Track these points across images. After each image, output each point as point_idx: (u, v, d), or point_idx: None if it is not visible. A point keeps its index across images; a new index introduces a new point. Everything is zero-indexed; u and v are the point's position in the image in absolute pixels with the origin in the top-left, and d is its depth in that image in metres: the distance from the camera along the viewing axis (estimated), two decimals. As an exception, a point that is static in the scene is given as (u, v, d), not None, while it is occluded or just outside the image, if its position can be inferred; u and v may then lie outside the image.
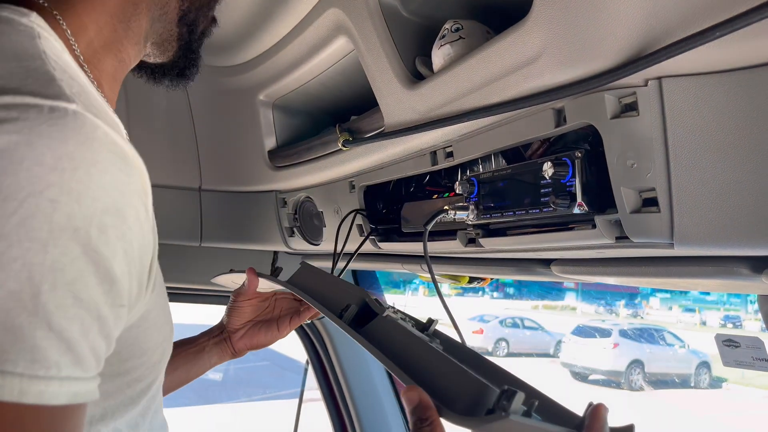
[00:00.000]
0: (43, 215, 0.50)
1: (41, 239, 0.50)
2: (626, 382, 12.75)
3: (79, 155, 0.53)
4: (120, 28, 0.76)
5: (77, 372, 0.53)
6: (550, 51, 0.69)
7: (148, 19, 0.79)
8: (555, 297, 25.90)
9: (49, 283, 0.50)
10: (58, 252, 0.51)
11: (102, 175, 0.55)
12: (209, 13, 0.87)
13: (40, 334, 0.50)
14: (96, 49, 0.74)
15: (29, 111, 0.52)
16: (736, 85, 0.62)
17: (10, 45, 0.60)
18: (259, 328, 1.44)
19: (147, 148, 1.66)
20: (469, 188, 0.97)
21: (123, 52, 0.78)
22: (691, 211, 0.68)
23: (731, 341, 1.14)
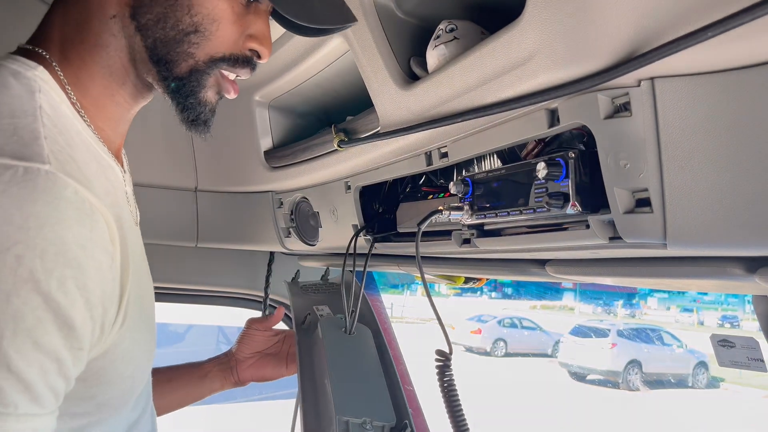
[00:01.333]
0: (9, 270, 0.57)
1: (5, 291, 0.57)
2: (624, 382, 12.78)
3: (45, 214, 0.60)
4: (105, 73, 0.80)
5: (34, 409, 0.60)
6: (543, 51, 0.69)
7: (127, 61, 0.81)
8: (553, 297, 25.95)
9: (10, 330, 0.57)
10: (20, 302, 0.57)
11: (66, 231, 0.61)
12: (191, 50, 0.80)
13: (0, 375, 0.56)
14: (94, 97, 0.80)
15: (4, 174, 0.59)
16: (729, 86, 0.62)
17: (9, 101, 0.68)
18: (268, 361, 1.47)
19: (143, 148, 1.67)
20: (463, 188, 0.97)
21: (117, 95, 0.82)
22: (684, 211, 0.68)
23: (726, 341, 1.14)
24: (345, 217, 1.42)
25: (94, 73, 0.79)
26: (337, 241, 1.51)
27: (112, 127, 0.83)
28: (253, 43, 0.85)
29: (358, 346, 1.48)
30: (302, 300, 1.71)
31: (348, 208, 1.39)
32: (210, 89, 0.84)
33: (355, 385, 1.37)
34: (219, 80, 0.85)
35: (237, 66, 0.85)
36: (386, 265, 1.51)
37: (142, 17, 0.78)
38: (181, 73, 0.81)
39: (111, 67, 0.80)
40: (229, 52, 0.83)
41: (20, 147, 0.62)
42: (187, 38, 0.79)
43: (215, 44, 0.81)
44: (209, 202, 1.80)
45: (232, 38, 0.83)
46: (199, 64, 0.81)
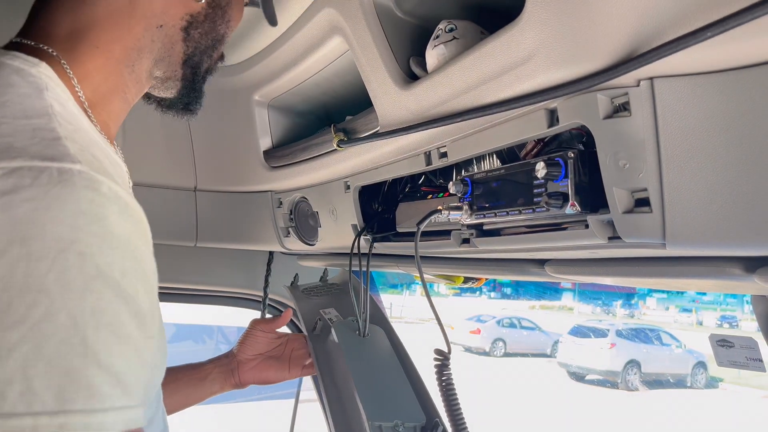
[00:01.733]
0: (76, 268, 0.56)
1: (79, 289, 0.56)
2: (623, 382, 12.78)
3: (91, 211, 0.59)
4: (126, 72, 0.81)
5: (127, 401, 0.59)
6: (542, 51, 0.70)
7: (152, 61, 0.84)
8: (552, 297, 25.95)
9: (92, 326, 0.56)
10: (95, 297, 0.57)
11: (114, 226, 0.61)
12: (213, 54, 0.91)
13: (92, 372, 0.56)
14: (103, 94, 0.80)
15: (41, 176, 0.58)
16: (728, 86, 0.62)
17: (18, 99, 0.66)
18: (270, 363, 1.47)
19: (142, 148, 1.67)
20: (462, 188, 0.97)
21: (128, 93, 0.84)
22: (683, 211, 0.68)
23: (725, 341, 1.15)
24: (344, 217, 1.42)
25: (111, 70, 0.79)
26: (336, 241, 1.51)
27: (116, 123, 0.84)
28: None
29: (374, 348, 1.49)
30: (308, 305, 1.71)
31: (347, 207, 1.39)
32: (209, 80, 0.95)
33: (381, 388, 1.38)
34: None
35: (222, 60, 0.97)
36: (385, 265, 1.51)
37: (193, 30, 0.85)
38: (202, 72, 0.91)
39: (135, 66, 0.82)
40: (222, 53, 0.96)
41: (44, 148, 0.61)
42: (215, 45, 0.90)
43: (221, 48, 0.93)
44: (208, 201, 1.80)
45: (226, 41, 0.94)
46: (213, 65, 0.93)
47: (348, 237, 1.41)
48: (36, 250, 0.54)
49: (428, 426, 1.32)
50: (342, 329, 1.50)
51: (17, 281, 0.53)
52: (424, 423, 1.32)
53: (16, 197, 0.56)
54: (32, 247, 0.54)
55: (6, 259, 0.54)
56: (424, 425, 1.31)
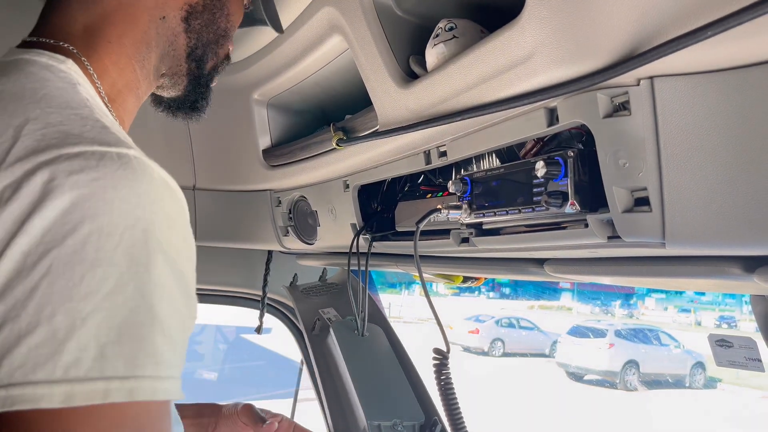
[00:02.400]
0: (141, 244, 0.59)
1: (145, 263, 0.59)
2: (621, 382, 12.79)
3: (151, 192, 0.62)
4: (137, 67, 0.83)
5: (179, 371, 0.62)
6: (542, 50, 0.69)
7: (158, 56, 0.85)
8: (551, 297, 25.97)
9: (157, 297, 0.59)
10: (158, 272, 0.60)
11: (169, 207, 0.64)
12: (218, 50, 0.92)
13: (159, 339, 0.58)
14: (120, 89, 0.82)
15: (104, 158, 0.60)
16: (728, 85, 0.62)
17: (58, 93, 0.68)
18: None
19: (141, 146, 1.65)
20: (462, 187, 0.97)
21: (139, 89, 0.86)
22: (683, 210, 0.68)
23: (724, 341, 1.15)
24: (343, 216, 1.42)
25: (125, 66, 0.81)
26: (335, 240, 1.50)
27: (129, 118, 0.86)
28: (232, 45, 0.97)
29: (373, 347, 1.49)
30: (306, 304, 1.71)
31: (346, 207, 1.39)
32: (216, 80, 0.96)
33: (379, 388, 1.38)
34: None
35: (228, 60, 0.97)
36: (385, 265, 1.51)
37: (193, 21, 0.86)
38: (207, 70, 0.92)
39: (144, 62, 0.83)
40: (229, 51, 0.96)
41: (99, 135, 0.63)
42: (219, 40, 0.91)
43: (229, 44, 0.94)
44: (207, 200, 1.79)
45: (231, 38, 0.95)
46: (219, 62, 0.94)
47: (347, 236, 1.41)
48: (105, 225, 0.57)
49: (427, 425, 1.32)
50: (340, 329, 1.50)
51: (89, 255, 0.56)
52: (423, 422, 1.32)
53: (84, 177, 0.58)
54: (102, 223, 0.57)
55: (78, 235, 0.56)
56: (423, 424, 1.31)
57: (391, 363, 1.44)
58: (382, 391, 1.36)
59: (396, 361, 1.46)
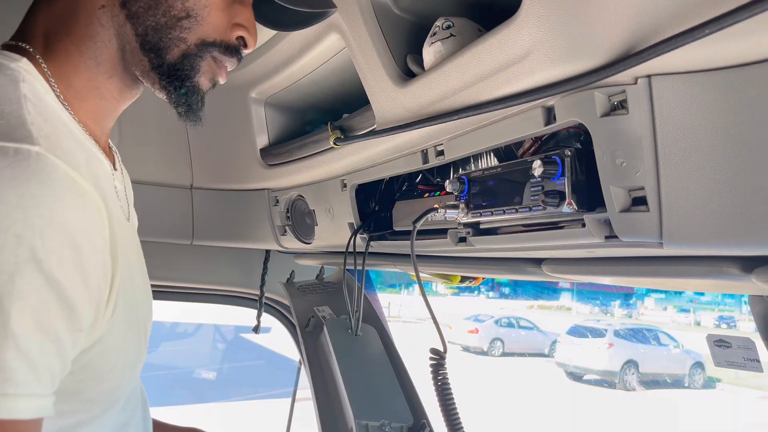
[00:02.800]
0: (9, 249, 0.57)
1: (9, 271, 0.57)
2: (620, 382, 12.78)
3: (40, 194, 0.60)
4: (92, 64, 0.79)
5: (39, 389, 0.60)
6: (539, 48, 0.69)
7: (115, 51, 0.80)
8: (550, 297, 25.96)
9: (16, 309, 0.57)
10: (24, 282, 0.57)
11: (62, 211, 0.61)
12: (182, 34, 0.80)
13: (10, 355, 0.56)
14: (78, 90, 0.79)
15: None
16: (726, 84, 0.61)
17: None
18: None
19: (138, 145, 1.66)
20: (459, 186, 0.97)
21: (102, 89, 0.81)
22: (680, 210, 0.67)
23: (723, 341, 1.14)
24: (341, 216, 1.41)
25: (79, 65, 0.78)
26: (333, 239, 1.50)
27: (96, 122, 0.82)
28: (240, 31, 0.86)
29: (365, 347, 1.48)
30: (302, 302, 1.70)
31: (344, 206, 1.38)
32: (203, 75, 0.84)
33: (369, 388, 1.38)
34: (212, 65, 0.85)
35: (226, 54, 0.85)
36: (382, 264, 1.50)
37: (132, 5, 0.78)
38: (173, 59, 0.81)
39: (98, 58, 0.79)
40: (219, 38, 0.84)
41: (8, 130, 0.63)
42: (179, 23, 0.80)
43: (206, 29, 0.82)
44: (205, 199, 1.79)
45: (221, 25, 0.84)
46: (191, 48, 0.82)
47: (344, 235, 1.40)
48: None
49: (415, 427, 1.31)
50: (334, 327, 1.49)
51: None
52: (411, 424, 1.31)
53: None
54: None
55: None
56: (411, 426, 1.31)
57: (383, 364, 1.44)
58: (372, 391, 1.36)
59: (388, 362, 1.46)
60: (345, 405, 1.35)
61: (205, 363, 10.76)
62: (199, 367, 10.36)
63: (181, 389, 9.54)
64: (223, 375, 10.67)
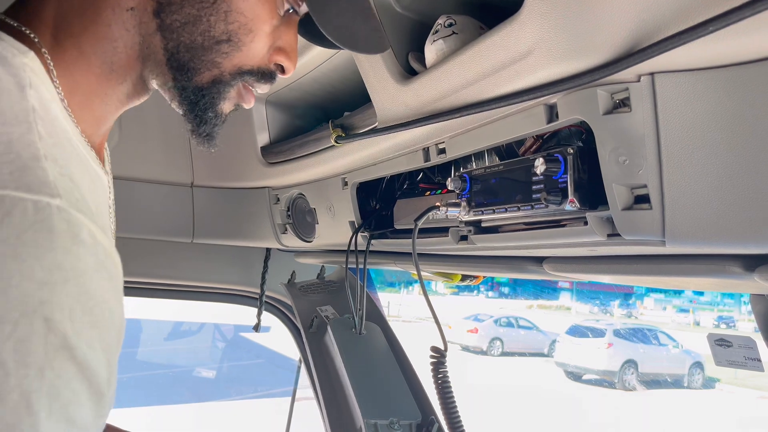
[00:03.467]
0: (38, 337, 0.48)
1: (38, 364, 0.48)
2: (620, 381, 12.79)
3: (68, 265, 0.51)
4: (106, 69, 0.71)
5: None
6: (542, 46, 0.69)
7: (135, 59, 0.72)
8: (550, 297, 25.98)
9: (45, 411, 0.48)
10: (54, 375, 0.49)
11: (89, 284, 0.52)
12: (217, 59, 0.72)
13: None
14: (84, 93, 0.70)
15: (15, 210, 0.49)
16: (730, 82, 0.61)
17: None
18: None
19: (139, 143, 1.66)
20: (461, 185, 0.96)
21: (110, 95, 0.73)
22: (683, 208, 0.67)
23: (724, 341, 1.14)
24: (342, 214, 1.41)
25: (91, 67, 0.70)
26: (333, 237, 1.50)
27: (96, 127, 0.73)
28: (280, 57, 0.79)
29: (370, 346, 1.49)
30: (304, 302, 1.70)
31: (345, 204, 1.38)
32: (229, 101, 0.78)
33: (376, 386, 1.38)
34: (240, 91, 0.79)
35: (261, 80, 0.78)
36: (383, 263, 1.50)
37: (168, 16, 0.70)
38: (202, 83, 0.73)
39: (114, 63, 0.71)
40: (257, 66, 0.76)
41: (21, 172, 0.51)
42: (218, 47, 0.72)
43: (245, 56, 0.75)
44: (205, 197, 1.79)
45: (263, 51, 0.76)
46: (225, 75, 0.74)
47: (345, 234, 1.40)
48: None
49: (424, 423, 1.31)
50: (338, 327, 1.49)
51: None
52: (420, 420, 1.32)
53: None
54: None
55: None
56: (420, 423, 1.31)
57: (389, 361, 1.44)
58: (380, 389, 1.36)
59: (393, 360, 1.46)
60: (353, 405, 1.35)
61: (205, 362, 10.76)
62: (198, 365, 10.37)
63: (180, 388, 9.55)
64: (223, 374, 10.67)
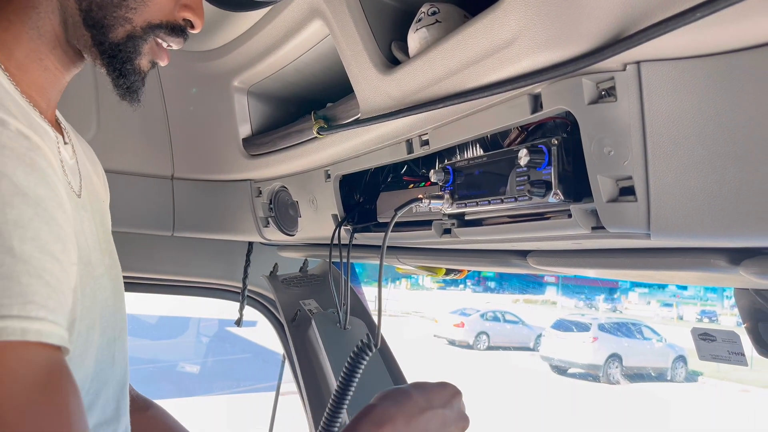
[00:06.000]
0: None
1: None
2: (604, 375, 12.92)
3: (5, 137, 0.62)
4: (34, 35, 0.79)
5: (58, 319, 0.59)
6: (526, 34, 0.67)
7: (58, 23, 0.80)
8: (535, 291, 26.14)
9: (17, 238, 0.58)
10: (16, 212, 0.59)
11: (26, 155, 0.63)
12: (128, 14, 0.80)
13: (25, 279, 0.57)
14: (19, 60, 0.78)
15: None
16: (717, 71, 0.60)
17: None
18: None
19: (118, 134, 1.63)
20: (444, 177, 0.95)
21: (45, 60, 0.80)
22: (669, 200, 0.66)
23: (707, 335, 1.14)
24: (325, 207, 1.39)
25: (21, 34, 0.78)
26: (316, 231, 1.48)
27: (41, 93, 0.81)
28: (186, 13, 0.86)
29: (354, 341, 1.47)
30: (287, 295, 1.68)
31: (328, 197, 1.36)
32: (145, 56, 0.85)
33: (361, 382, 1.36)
34: (153, 48, 0.86)
35: (171, 35, 0.86)
36: (366, 257, 1.48)
37: None
38: (117, 39, 0.81)
39: (40, 29, 0.79)
40: (165, 20, 0.84)
41: None
42: (125, 3, 0.80)
43: (152, 10, 0.82)
44: (186, 190, 1.76)
45: (168, 6, 0.84)
46: (137, 29, 0.82)
47: (328, 227, 1.38)
48: None
49: None
50: (322, 321, 1.47)
51: None
52: None
53: None
54: None
55: None
56: None
57: (373, 357, 1.42)
58: (365, 386, 1.34)
59: (378, 355, 1.44)
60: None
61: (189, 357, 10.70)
62: (182, 360, 10.31)
63: (164, 382, 9.49)
64: (207, 369, 10.62)
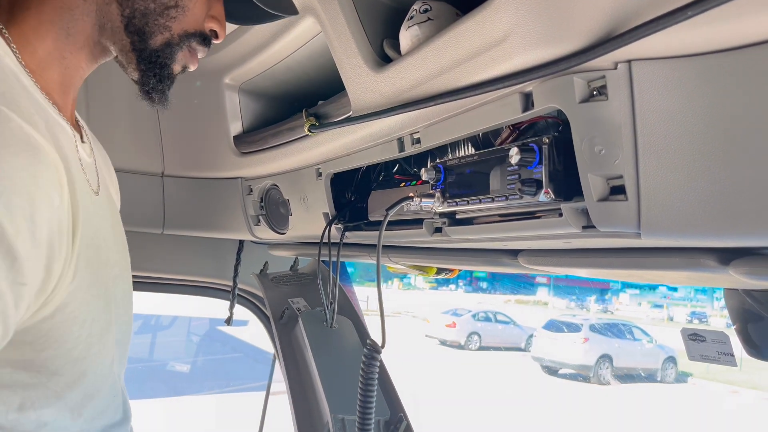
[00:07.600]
0: None
1: None
2: (595, 376, 12.95)
3: None
4: (61, 35, 0.81)
5: None
6: (517, 32, 0.67)
7: (92, 26, 0.82)
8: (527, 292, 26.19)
9: None
10: None
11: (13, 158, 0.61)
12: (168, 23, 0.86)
13: None
14: (41, 58, 0.79)
15: None
16: (707, 70, 0.60)
17: None
18: None
19: (108, 131, 1.61)
20: (435, 175, 0.94)
21: (68, 59, 0.83)
22: (659, 199, 0.66)
23: (697, 335, 1.14)
24: (316, 205, 1.39)
25: (47, 33, 0.79)
26: (307, 229, 1.47)
27: (60, 92, 0.83)
28: (213, 24, 0.92)
29: (341, 340, 1.46)
30: (276, 293, 1.67)
31: (319, 195, 1.35)
32: (178, 62, 0.90)
33: (345, 381, 1.36)
34: (186, 54, 0.91)
35: (202, 43, 0.92)
36: (357, 255, 1.48)
37: None
38: (156, 45, 0.86)
39: (70, 29, 0.81)
40: (198, 29, 0.90)
41: None
42: (167, 12, 0.85)
43: (189, 20, 0.88)
44: (176, 187, 1.74)
45: (201, 17, 0.90)
46: (174, 37, 0.87)
47: (319, 226, 1.38)
48: None
49: (392, 421, 1.30)
50: (309, 319, 1.47)
51: None
52: (389, 417, 1.30)
53: None
54: None
55: None
56: (388, 420, 1.29)
57: (359, 356, 1.42)
58: (349, 384, 1.34)
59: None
60: (321, 399, 1.33)
61: (179, 356, 10.66)
62: (172, 359, 10.27)
63: (155, 381, 9.45)
64: (197, 368, 10.59)
